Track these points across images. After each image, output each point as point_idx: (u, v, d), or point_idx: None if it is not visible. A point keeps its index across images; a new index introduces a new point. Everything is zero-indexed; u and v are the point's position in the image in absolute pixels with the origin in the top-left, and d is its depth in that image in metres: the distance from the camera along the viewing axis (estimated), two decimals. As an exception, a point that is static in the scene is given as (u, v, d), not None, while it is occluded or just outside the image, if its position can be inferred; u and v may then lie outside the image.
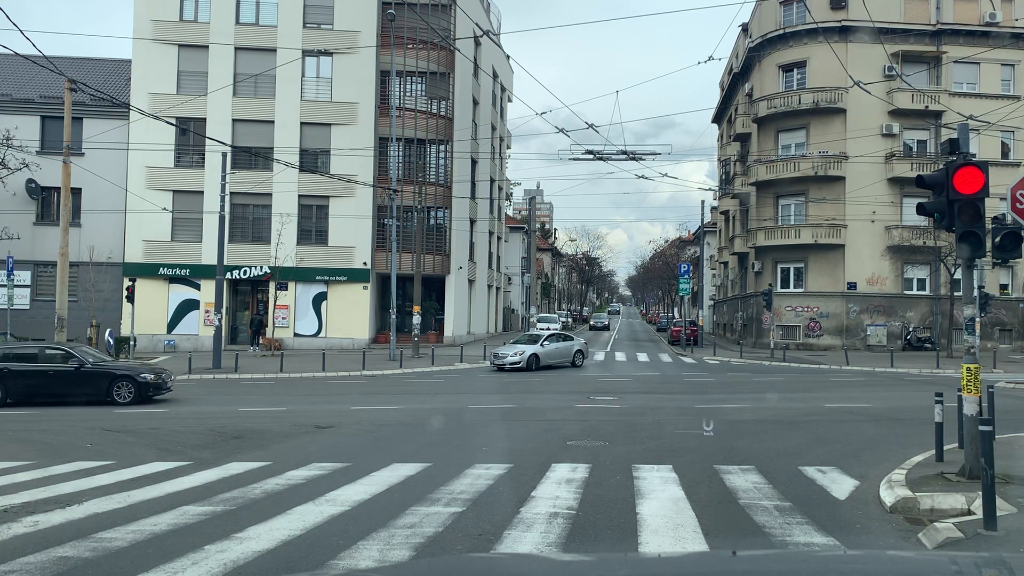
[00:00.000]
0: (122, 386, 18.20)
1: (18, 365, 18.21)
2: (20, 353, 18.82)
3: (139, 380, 18.39)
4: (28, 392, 18.14)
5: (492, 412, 16.78)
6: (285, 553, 6.51)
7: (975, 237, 9.09)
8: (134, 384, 18.29)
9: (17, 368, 18.13)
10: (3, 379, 17.94)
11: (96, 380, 18.19)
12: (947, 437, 10.63)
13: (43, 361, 18.43)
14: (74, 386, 18.16)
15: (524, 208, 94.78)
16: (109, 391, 18.11)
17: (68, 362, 18.30)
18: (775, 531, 7.30)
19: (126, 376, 18.43)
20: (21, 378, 18.04)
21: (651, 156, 57.70)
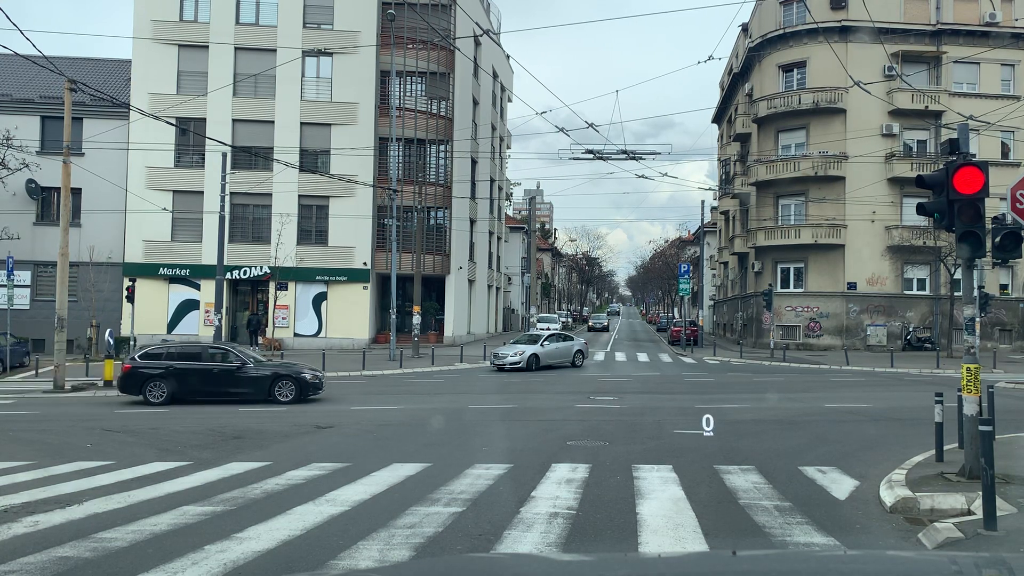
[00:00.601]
0: (283, 385, 18.45)
1: (182, 364, 18.56)
2: (184, 352, 19.21)
3: (300, 379, 18.60)
4: (191, 390, 18.47)
5: (492, 412, 16.78)
6: (285, 553, 6.51)
7: (975, 237, 9.08)
8: (296, 383, 18.52)
9: (181, 367, 18.48)
10: (168, 377, 18.25)
11: (259, 379, 18.52)
12: (947, 437, 10.63)
13: (206, 360, 18.79)
14: (237, 385, 18.51)
15: (524, 208, 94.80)
16: (271, 390, 18.39)
17: (231, 361, 18.66)
18: (775, 531, 7.30)
19: (288, 375, 18.69)
20: (185, 376, 18.39)
21: (651, 156, 57.73)
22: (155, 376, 18.23)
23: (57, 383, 21.20)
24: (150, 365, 18.44)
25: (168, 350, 19.17)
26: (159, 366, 18.39)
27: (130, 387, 18.41)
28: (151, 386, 18.19)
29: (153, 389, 18.19)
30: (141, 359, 18.70)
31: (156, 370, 18.30)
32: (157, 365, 18.42)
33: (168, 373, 18.30)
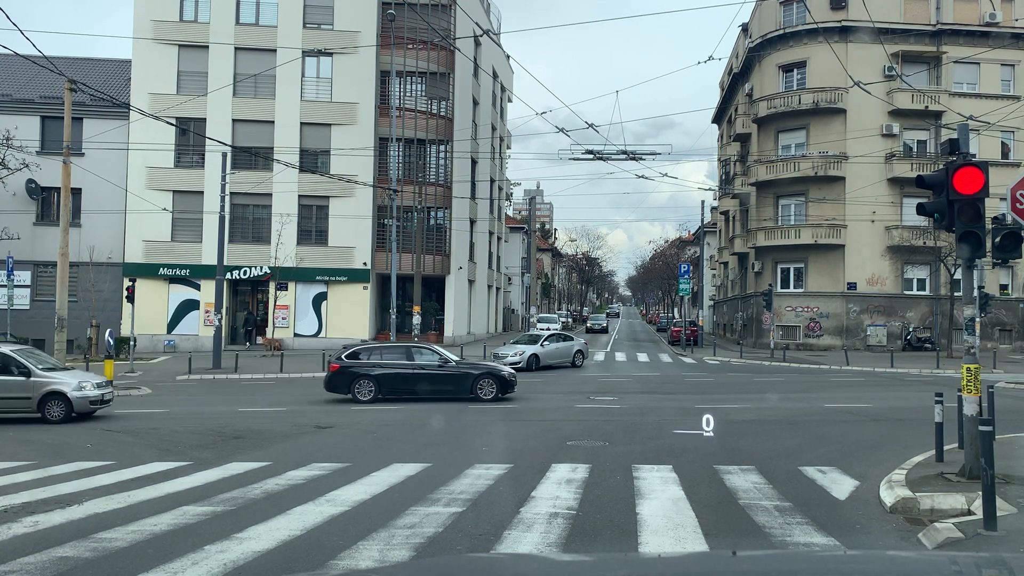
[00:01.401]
0: (485, 383, 18.67)
1: (389, 362, 18.97)
2: (390, 350, 19.73)
3: (500, 377, 18.84)
4: (397, 388, 18.79)
5: (492, 412, 16.78)
6: (285, 553, 6.51)
7: (975, 237, 9.08)
8: (497, 381, 18.76)
9: (388, 365, 18.88)
10: (376, 376, 18.59)
11: (461, 378, 18.79)
12: (947, 437, 10.63)
13: (412, 359, 19.15)
14: (441, 383, 18.77)
15: (524, 208, 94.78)
16: (473, 388, 18.59)
17: (435, 360, 19.03)
18: (775, 531, 7.31)
19: (490, 374, 18.96)
20: (392, 375, 18.73)
21: (651, 156, 57.67)
22: (363, 375, 18.61)
23: (57, 383, 21.13)
24: (358, 364, 18.84)
25: (373, 350, 19.67)
26: (367, 365, 18.82)
27: (339, 385, 18.76)
28: (359, 384, 18.55)
29: (361, 387, 18.55)
30: (348, 358, 19.03)
31: (364, 369, 18.70)
32: (365, 364, 18.84)
33: (375, 372, 18.70)
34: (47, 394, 15.11)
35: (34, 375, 15.28)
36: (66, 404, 15.12)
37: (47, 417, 15.09)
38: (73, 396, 15.15)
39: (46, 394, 15.11)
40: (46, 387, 15.16)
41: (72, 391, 15.20)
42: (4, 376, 15.22)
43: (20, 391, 15.14)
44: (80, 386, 15.39)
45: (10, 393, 15.13)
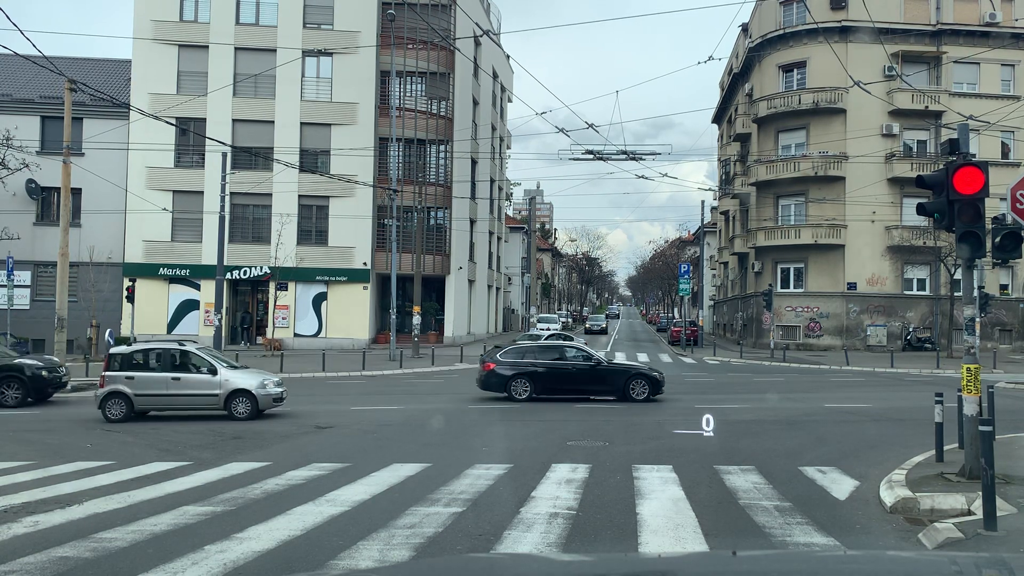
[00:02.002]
0: (637, 384, 18.75)
1: (544, 362, 19.13)
2: (544, 350, 19.90)
3: (652, 377, 18.98)
4: (551, 388, 18.93)
5: (492, 412, 16.78)
6: (285, 553, 6.51)
7: (975, 237, 9.08)
8: (648, 381, 18.85)
9: (543, 365, 19.05)
10: (531, 375, 18.79)
11: (615, 377, 18.94)
12: (947, 437, 10.63)
13: (566, 358, 19.38)
14: (595, 382, 18.94)
15: (524, 208, 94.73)
16: (625, 388, 18.67)
17: (588, 360, 19.21)
18: (775, 531, 7.31)
19: (642, 374, 19.12)
20: (547, 374, 18.90)
21: (651, 156, 57.66)
22: (518, 374, 18.77)
23: (57, 383, 21.13)
24: (513, 364, 18.99)
25: (528, 349, 19.89)
26: (522, 364, 18.99)
27: (494, 385, 18.93)
28: (515, 383, 18.70)
29: (516, 386, 18.70)
30: (503, 358, 19.23)
31: (518, 369, 18.88)
32: (519, 363, 19.00)
33: (530, 371, 18.85)
34: (233, 392, 15.52)
35: (220, 373, 15.72)
36: (252, 401, 15.51)
37: (234, 414, 15.48)
38: (259, 394, 15.58)
39: (232, 392, 15.53)
40: (233, 385, 15.58)
41: (257, 389, 15.61)
42: (194, 374, 15.67)
43: (208, 389, 15.60)
44: (263, 384, 15.79)
45: (200, 390, 15.62)
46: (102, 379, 15.56)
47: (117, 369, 15.54)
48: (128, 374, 15.49)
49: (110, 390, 15.33)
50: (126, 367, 15.60)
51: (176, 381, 15.53)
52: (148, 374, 15.57)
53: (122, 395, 15.33)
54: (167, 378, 15.52)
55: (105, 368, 15.63)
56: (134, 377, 15.46)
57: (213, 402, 15.63)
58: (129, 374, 15.49)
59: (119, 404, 15.32)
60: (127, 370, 15.56)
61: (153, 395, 15.53)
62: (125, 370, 15.54)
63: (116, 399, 15.33)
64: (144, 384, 15.43)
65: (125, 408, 15.32)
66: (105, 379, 15.48)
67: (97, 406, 15.51)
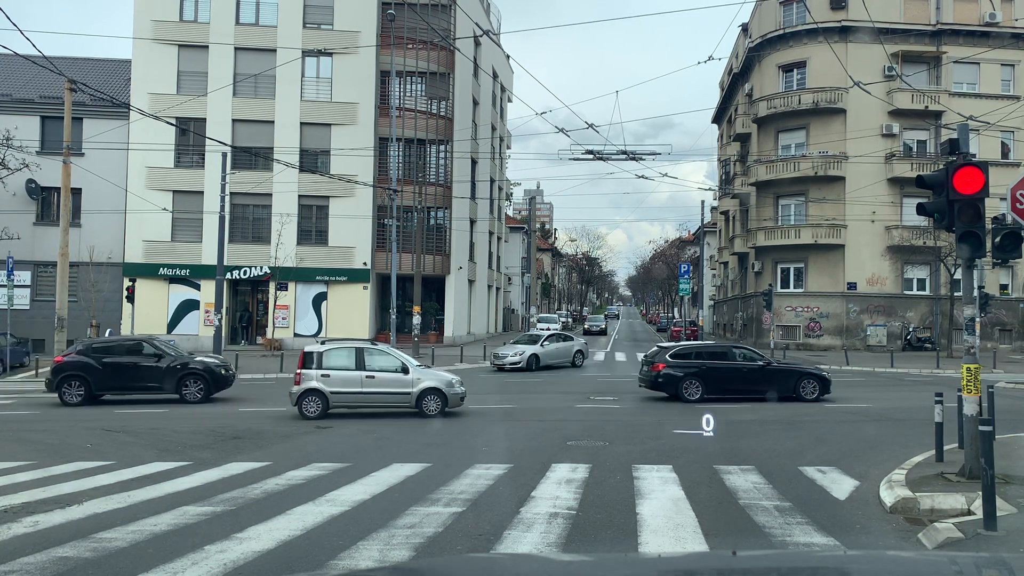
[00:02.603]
0: (808, 383, 18.96)
1: (713, 363, 19.21)
2: (713, 352, 20.16)
3: (821, 377, 19.11)
4: (720, 388, 19.07)
5: (492, 412, 16.78)
6: (285, 553, 6.51)
7: (975, 237, 9.08)
8: (818, 381, 19.01)
9: (713, 366, 19.09)
10: (701, 376, 18.86)
11: (785, 377, 19.10)
12: (947, 437, 10.63)
13: (734, 359, 19.53)
14: (764, 383, 19.02)
15: (524, 208, 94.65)
16: (796, 388, 18.88)
17: (757, 361, 19.43)
18: (775, 531, 7.31)
19: (811, 374, 19.26)
20: (716, 375, 19.00)
21: (651, 156, 57.61)
22: (689, 375, 18.87)
23: (57, 383, 21.12)
24: (683, 364, 19.03)
25: (697, 350, 20.05)
26: (692, 365, 19.01)
27: (664, 385, 18.99)
28: (687, 384, 18.79)
29: (688, 387, 18.79)
30: (672, 358, 19.25)
31: (689, 369, 18.92)
32: (690, 364, 19.04)
33: (700, 372, 18.91)
34: (425, 390, 15.76)
35: (412, 372, 15.93)
36: (442, 399, 15.76)
37: (425, 412, 15.65)
38: (448, 392, 15.84)
39: (424, 390, 15.76)
40: (424, 384, 15.80)
41: (446, 387, 15.86)
42: (388, 373, 15.87)
43: (401, 387, 15.82)
44: (451, 383, 16.03)
45: (393, 389, 15.85)
46: (297, 376, 15.67)
47: (312, 367, 15.65)
48: (323, 372, 15.64)
49: (307, 387, 15.51)
50: (322, 365, 15.72)
51: (370, 379, 15.72)
52: (343, 372, 15.73)
53: (318, 392, 15.51)
54: (361, 376, 15.69)
55: (300, 366, 15.72)
56: (329, 375, 15.64)
57: (405, 400, 15.83)
58: (324, 372, 15.64)
59: (315, 401, 15.50)
60: (323, 368, 15.68)
61: (348, 392, 15.71)
62: (321, 368, 15.67)
63: (312, 396, 15.50)
64: (339, 382, 15.63)
65: (321, 405, 15.49)
66: (301, 376, 15.60)
67: (293, 403, 15.62)
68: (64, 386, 18.16)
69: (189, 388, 18.53)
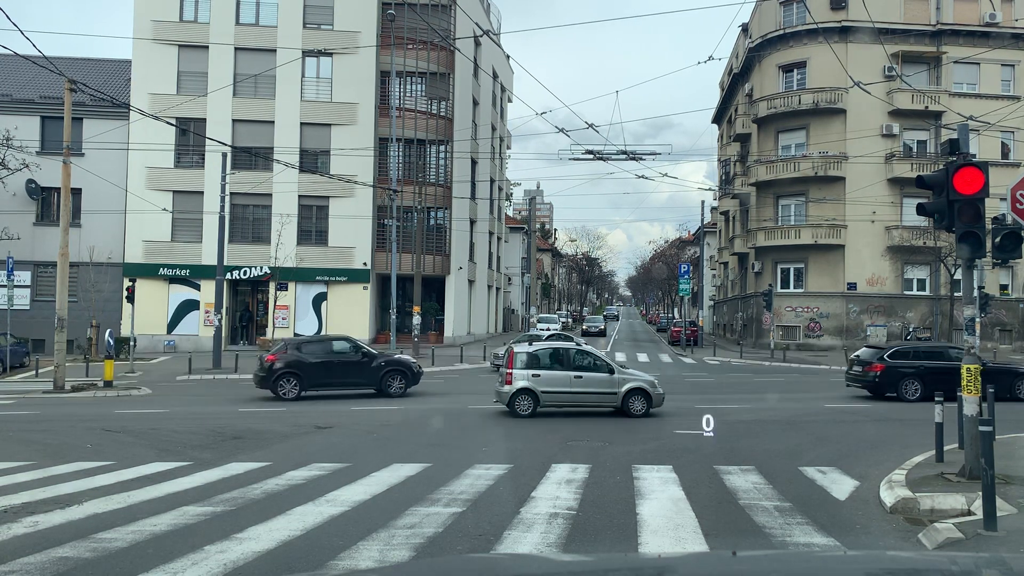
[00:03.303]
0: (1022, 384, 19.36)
1: (930, 363, 19.39)
2: (929, 351, 20.43)
3: None
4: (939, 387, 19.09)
5: (492, 412, 16.78)
6: (285, 553, 6.51)
7: (975, 237, 9.08)
8: None
9: (931, 366, 19.29)
10: (923, 376, 19.02)
11: (1000, 376, 18.75)
12: (947, 437, 10.64)
13: (950, 359, 19.20)
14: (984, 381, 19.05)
15: (524, 208, 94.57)
16: (1012, 388, 19.07)
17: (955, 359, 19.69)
18: (775, 531, 7.31)
19: None
20: (936, 374, 18.80)
21: (651, 156, 57.64)
22: (908, 375, 19.22)
23: (57, 383, 21.18)
24: (902, 365, 19.41)
25: (915, 350, 20.51)
26: (911, 366, 19.41)
27: (885, 386, 19.34)
28: (906, 384, 19.14)
29: (907, 387, 19.13)
30: (890, 358, 19.57)
31: (908, 369, 19.32)
32: (908, 364, 19.44)
33: (919, 372, 19.20)
34: (631, 390, 16.01)
35: (616, 372, 16.28)
36: (647, 399, 15.98)
37: (631, 412, 15.89)
38: (653, 392, 16.12)
39: (630, 390, 16.00)
40: (628, 384, 16.11)
41: (650, 387, 16.18)
42: (595, 373, 16.15)
43: (608, 387, 16.09)
44: (654, 384, 16.39)
45: (601, 389, 16.12)
46: (508, 376, 15.97)
47: (522, 367, 15.97)
48: (534, 372, 15.97)
49: (519, 387, 15.82)
50: (531, 365, 16.07)
51: (578, 379, 15.97)
52: (552, 372, 16.06)
53: (530, 392, 15.83)
54: (570, 376, 15.99)
55: (510, 366, 15.99)
56: (539, 375, 15.96)
57: (612, 400, 16.04)
58: (535, 372, 15.97)
59: (527, 400, 15.81)
60: (532, 368, 16.02)
61: (557, 392, 15.96)
62: (530, 368, 16.01)
63: (524, 396, 15.83)
64: (549, 382, 15.93)
65: (532, 404, 15.79)
66: (512, 376, 15.91)
67: (505, 403, 15.88)
68: (280, 382, 19.11)
69: (392, 383, 19.83)
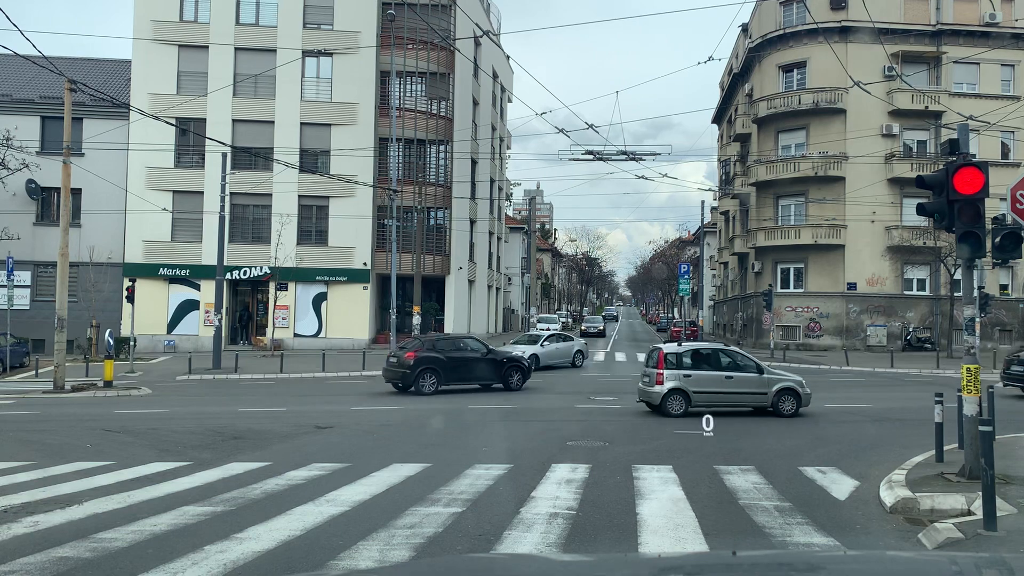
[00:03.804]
0: None
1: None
2: None
3: None
4: None
5: (492, 412, 16.78)
6: (285, 553, 6.51)
7: (975, 237, 9.08)
8: None
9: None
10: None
11: None
12: (947, 437, 10.63)
13: None
14: None
15: (524, 208, 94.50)
16: None
17: None
18: (775, 531, 7.31)
19: None
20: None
21: (651, 156, 57.54)
22: None
23: (57, 383, 21.19)
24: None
25: None
26: None
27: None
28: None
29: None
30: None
31: None
32: None
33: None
34: (780, 390, 16.16)
35: (765, 372, 16.42)
36: (796, 399, 16.19)
37: (781, 412, 16.04)
38: (802, 392, 16.25)
39: (779, 390, 16.16)
40: (778, 384, 16.27)
41: (799, 387, 16.30)
42: (745, 373, 16.32)
43: (759, 387, 16.25)
44: (802, 383, 16.44)
45: (751, 389, 16.28)
46: (659, 376, 16.16)
47: (674, 368, 16.18)
48: (685, 372, 16.19)
49: (671, 387, 16.04)
50: (682, 366, 16.29)
51: (729, 379, 16.15)
52: (704, 372, 16.28)
53: (682, 392, 16.05)
54: (721, 376, 16.18)
55: (661, 367, 16.19)
56: (691, 375, 16.19)
57: (762, 400, 16.17)
58: (687, 372, 16.19)
59: (679, 400, 16.02)
60: (683, 369, 16.23)
61: (708, 392, 16.08)
62: (682, 369, 16.22)
63: (676, 395, 16.05)
64: (700, 382, 16.15)
65: (684, 404, 16.00)
66: (663, 376, 16.14)
67: (656, 403, 16.06)
68: (421, 378, 20.50)
69: (512, 378, 21.56)
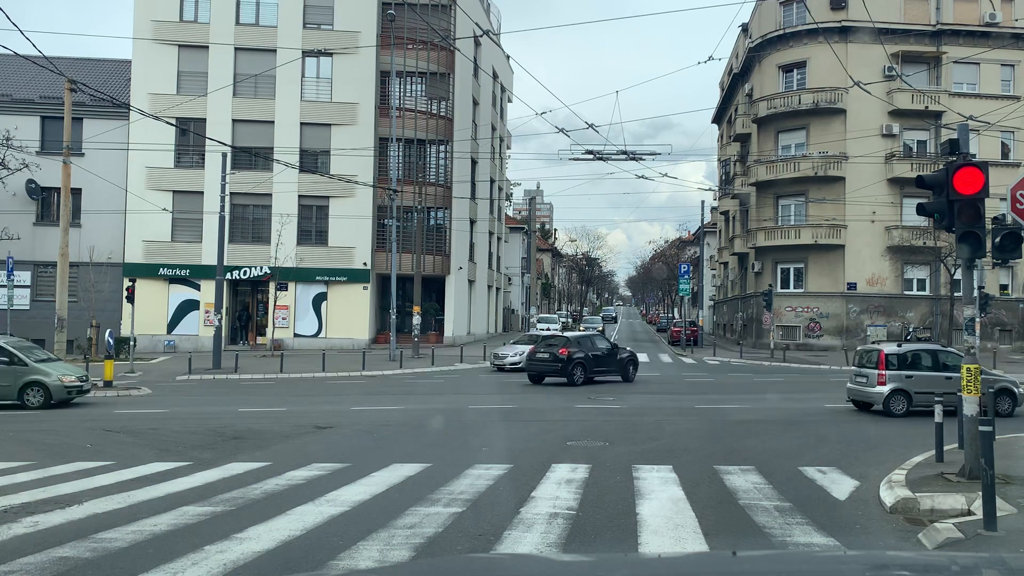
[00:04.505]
0: None
1: None
2: None
3: None
4: None
5: (492, 412, 16.78)
6: (285, 553, 6.51)
7: (975, 237, 9.08)
8: None
9: None
10: None
11: None
12: (947, 437, 10.64)
13: None
14: None
15: (524, 208, 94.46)
16: None
17: None
18: (775, 531, 7.31)
19: None
20: None
21: (651, 156, 57.63)
22: None
23: (57, 383, 21.12)
24: None
25: None
26: None
27: None
28: None
29: None
30: None
31: None
32: None
33: None
34: (998, 391, 16.30)
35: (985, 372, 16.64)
36: (1012, 400, 16.65)
37: (997, 411, 16.04)
38: (1018, 392, 16.77)
39: (997, 391, 16.22)
40: (995, 384, 16.41)
41: (1015, 387, 16.85)
42: None
43: None
44: (1015, 383, 16.98)
45: None
46: (881, 377, 16.45)
47: (895, 369, 16.55)
48: (907, 373, 16.56)
49: (893, 388, 16.43)
50: (903, 367, 16.65)
51: (948, 380, 16.01)
52: (925, 373, 16.61)
53: (904, 392, 16.44)
54: (941, 377, 16.31)
55: (882, 367, 16.50)
56: (912, 376, 16.57)
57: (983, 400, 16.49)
58: (908, 373, 16.57)
59: (901, 400, 16.42)
60: (904, 369, 16.60)
61: (929, 393, 16.02)
62: (903, 370, 16.58)
63: (899, 396, 16.43)
64: (922, 383, 16.39)
65: (906, 404, 16.38)
66: (884, 377, 16.47)
67: (879, 403, 16.37)
68: (574, 371, 22.56)
69: (629, 370, 24.53)
